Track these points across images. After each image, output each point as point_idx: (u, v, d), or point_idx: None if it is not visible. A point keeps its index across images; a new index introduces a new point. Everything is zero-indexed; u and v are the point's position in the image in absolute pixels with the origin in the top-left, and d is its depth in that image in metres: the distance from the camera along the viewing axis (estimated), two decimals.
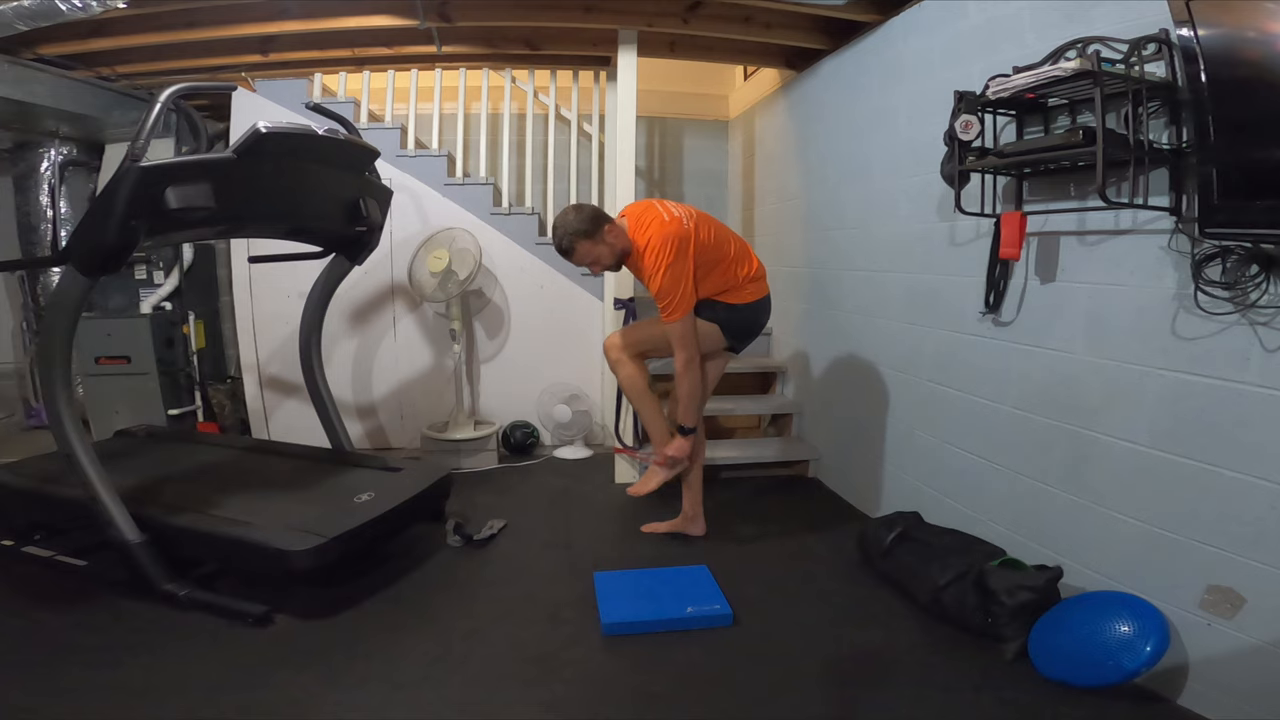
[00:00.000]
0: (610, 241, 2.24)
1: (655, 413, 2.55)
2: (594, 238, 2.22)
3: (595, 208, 2.29)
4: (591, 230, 2.21)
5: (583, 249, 2.23)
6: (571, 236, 2.22)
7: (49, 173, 3.82)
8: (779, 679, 1.83)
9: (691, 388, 2.34)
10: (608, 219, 2.26)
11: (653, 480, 2.53)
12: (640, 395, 2.53)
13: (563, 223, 2.23)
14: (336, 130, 2.43)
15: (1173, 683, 1.66)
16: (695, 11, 3.07)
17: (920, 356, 2.61)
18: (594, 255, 2.25)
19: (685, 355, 2.29)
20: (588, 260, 2.26)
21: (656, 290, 2.24)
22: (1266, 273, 1.45)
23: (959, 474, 2.42)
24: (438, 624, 2.09)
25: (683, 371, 2.32)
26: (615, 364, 2.54)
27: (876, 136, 2.85)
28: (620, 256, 2.29)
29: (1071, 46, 1.82)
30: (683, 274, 2.22)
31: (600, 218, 2.24)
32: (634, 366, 2.50)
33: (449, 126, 3.93)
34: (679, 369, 2.32)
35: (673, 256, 2.19)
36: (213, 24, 3.00)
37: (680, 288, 2.22)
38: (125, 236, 1.90)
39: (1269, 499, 1.46)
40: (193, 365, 3.97)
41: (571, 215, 2.23)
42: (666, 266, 2.19)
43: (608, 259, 2.27)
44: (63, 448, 2.13)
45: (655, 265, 2.20)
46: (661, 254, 2.19)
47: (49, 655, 1.88)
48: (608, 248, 2.25)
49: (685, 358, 2.30)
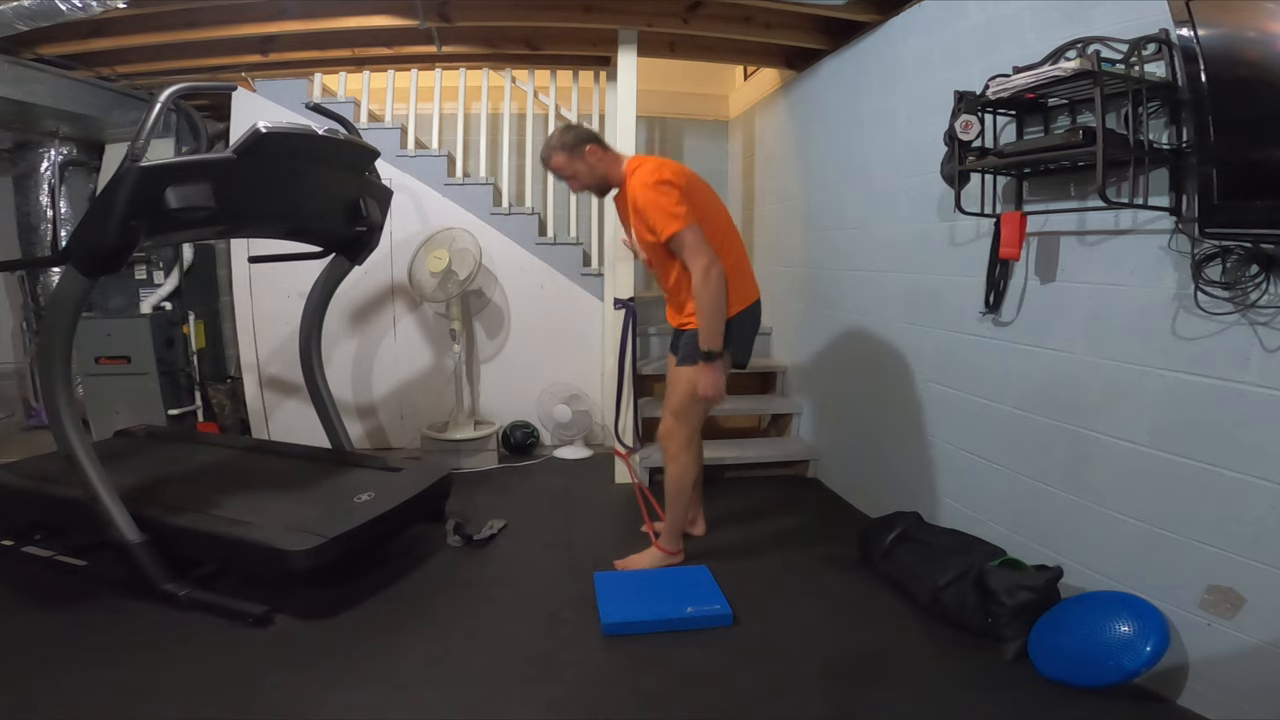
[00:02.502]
0: (590, 162, 2.22)
1: (684, 512, 2.42)
2: (572, 152, 2.21)
3: (591, 131, 2.28)
4: (571, 145, 2.21)
5: (558, 160, 2.24)
6: (550, 148, 2.25)
7: (49, 173, 3.82)
8: (779, 679, 1.83)
9: (714, 299, 2.07)
10: (596, 143, 2.23)
11: (647, 560, 2.40)
12: (681, 492, 2.36)
13: (550, 136, 2.28)
14: (336, 130, 2.43)
15: (1173, 683, 1.66)
16: (695, 11, 3.07)
17: (920, 356, 2.62)
18: (571, 170, 2.24)
19: (703, 261, 2.05)
20: (565, 174, 2.26)
21: (644, 207, 2.07)
22: (1266, 273, 1.45)
23: (959, 474, 2.42)
24: (438, 624, 2.09)
25: (701, 281, 2.05)
26: (672, 458, 2.34)
27: (876, 136, 2.85)
28: (601, 181, 2.26)
29: (1071, 46, 1.82)
30: (675, 193, 2.06)
31: (586, 138, 2.23)
32: (689, 460, 2.35)
33: (449, 126, 3.93)
34: (698, 279, 2.06)
35: (665, 175, 2.07)
36: (213, 24, 3.00)
37: (673, 202, 2.05)
38: (125, 237, 1.90)
39: (1269, 499, 1.46)
40: (193, 365, 3.97)
41: (558, 131, 2.27)
42: (656, 182, 2.06)
43: (585, 178, 2.24)
44: (63, 448, 2.13)
45: (642, 186, 2.08)
46: (650, 176, 2.08)
47: (49, 655, 1.88)
48: (586, 166, 2.22)
49: (703, 263, 2.05)
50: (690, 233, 2.06)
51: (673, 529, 2.41)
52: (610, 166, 2.24)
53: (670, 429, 2.34)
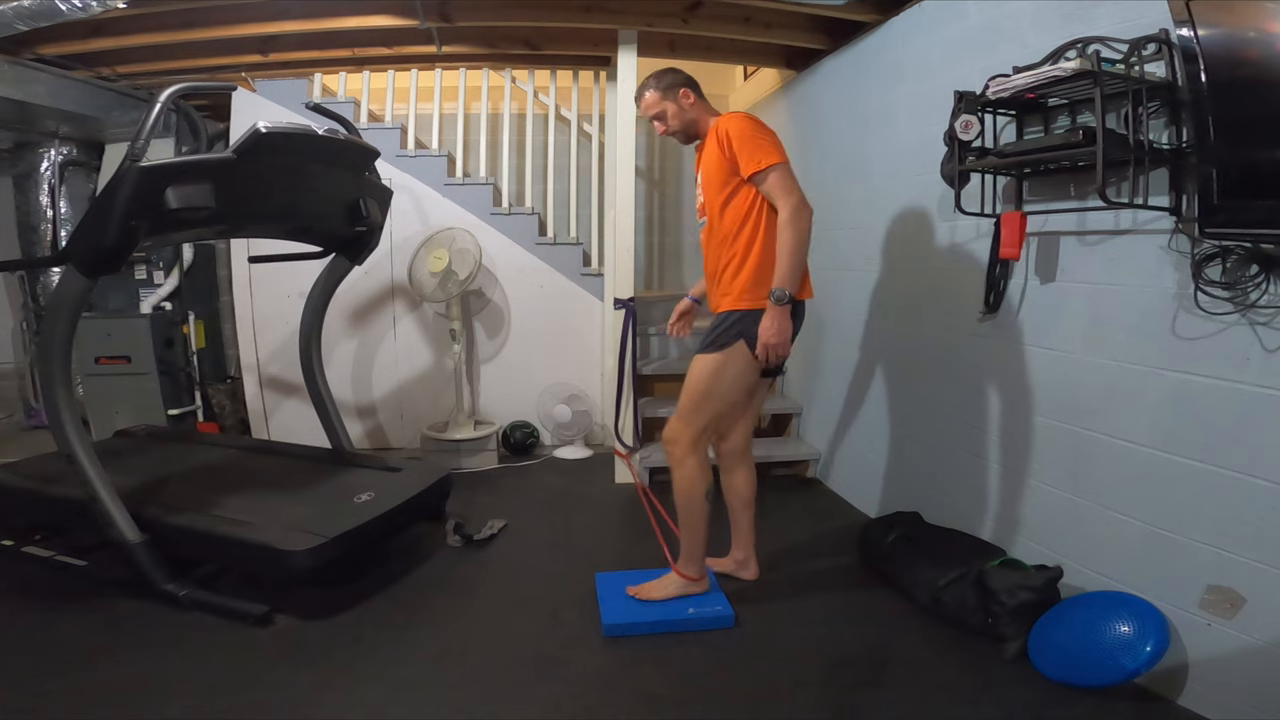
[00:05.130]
0: (682, 104, 2.12)
1: (701, 525, 2.11)
2: (666, 93, 2.13)
3: (688, 76, 2.17)
4: (667, 86, 2.13)
5: (650, 99, 2.15)
6: (644, 86, 2.17)
7: (49, 173, 3.82)
8: (779, 679, 1.83)
9: (799, 239, 1.90)
10: (692, 88, 2.15)
11: (665, 589, 2.16)
12: (691, 504, 2.09)
13: (647, 76, 2.19)
14: (336, 130, 2.43)
15: (1173, 683, 1.66)
16: (695, 11, 3.07)
17: (920, 356, 2.61)
18: (660, 108, 2.14)
19: (794, 199, 1.90)
20: (653, 111, 2.15)
21: (738, 137, 1.94)
22: (1266, 273, 1.45)
23: (959, 474, 2.42)
24: (438, 624, 2.09)
25: (792, 217, 1.90)
26: (677, 462, 2.07)
27: (876, 136, 2.85)
28: (689, 126, 2.15)
29: (1071, 46, 1.82)
30: (773, 133, 2.00)
31: (683, 81, 2.14)
32: (696, 465, 2.06)
33: (449, 126, 3.93)
34: (787, 215, 1.90)
35: (757, 124, 2.00)
36: (213, 24, 3.00)
37: (772, 137, 1.98)
38: (125, 237, 1.90)
39: (1269, 499, 1.46)
40: (193, 365, 3.97)
41: (656, 72, 2.18)
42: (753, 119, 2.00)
43: (674, 121, 2.14)
44: (63, 448, 2.13)
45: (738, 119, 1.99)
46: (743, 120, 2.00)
47: (49, 655, 1.88)
48: (676, 107, 2.13)
49: (795, 201, 1.90)
50: (785, 168, 1.94)
51: (691, 550, 2.13)
52: (701, 115, 2.14)
53: (675, 432, 2.07)
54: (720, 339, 2.00)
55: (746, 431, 2.26)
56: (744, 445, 2.28)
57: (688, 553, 2.14)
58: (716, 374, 2.01)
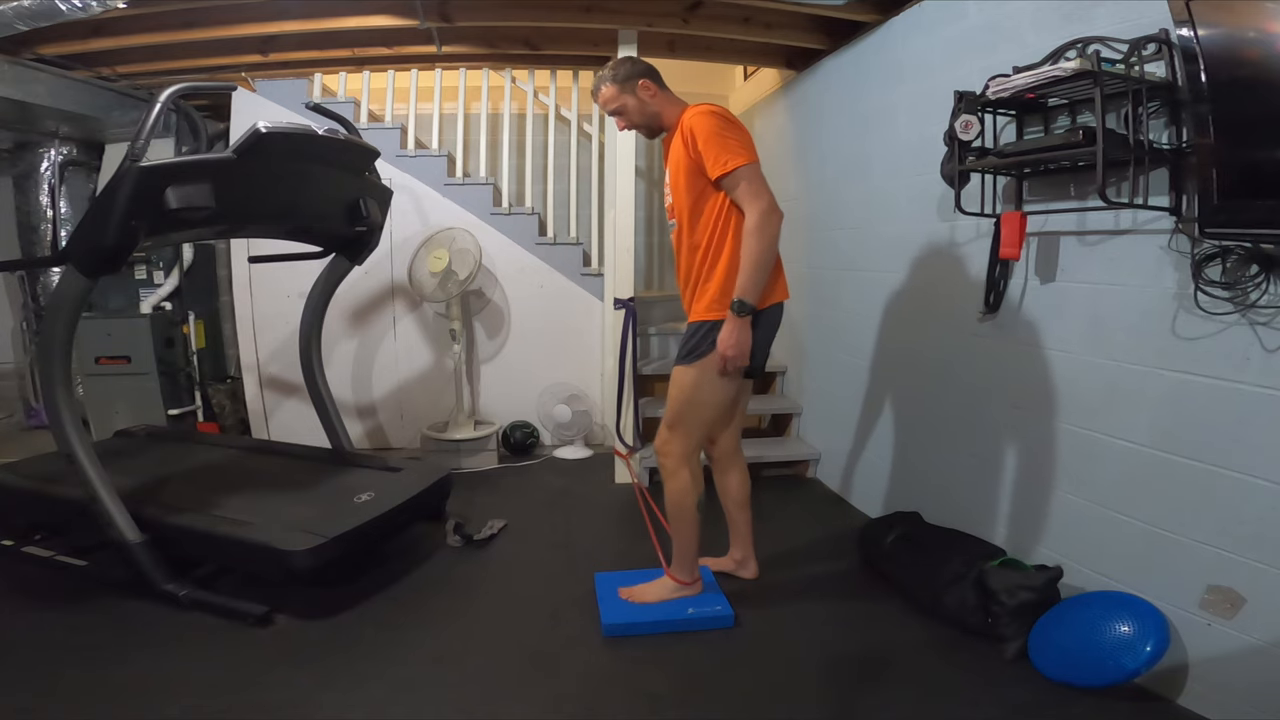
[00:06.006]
0: (642, 97, 2.02)
1: (693, 532, 2.11)
2: (623, 85, 2.02)
3: (648, 65, 2.07)
4: (624, 78, 2.02)
5: (607, 93, 2.04)
6: (600, 79, 2.05)
7: (49, 173, 3.82)
8: (779, 679, 1.83)
9: (764, 247, 1.82)
10: (651, 78, 2.04)
11: (658, 592, 2.16)
12: (682, 513, 2.08)
13: (603, 67, 2.09)
14: (336, 130, 2.43)
15: (1173, 683, 1.66)
16: (695, 11, 3.07)
17: (920, 356, 2.61)
18: (620, 103, 2.03)
19: (763, 203, 1.82)
20: (611, 106, 2.05)
21: (702, 135, 1.85)
22: (1266, 273, 1.45)
23: (959, 474, 2.42)
24: (438, 624, 2.09)
25: (758, 224, 1.81)
26: (670, 473, 2.06)
27: (876, 136, 2.85)
28: (651, 120, 2.05)
29: (1071, 46, 1.82)
30: (740, 129, 1.91)
31: (642, 72, 2.04)
32: (688, 476, 2.05)
33: (449, 126, 3.93)
34: (754, 221, 1.82)
35: (725, 120, 1.90)
36: (213, 24, 3.00)
37: (739, 134, 1.89)
38: (125, 237, 1.90)
39: (1269, 499, 1.46)
40: (193, 365, 3.98)
41: (613, 62, 2.09)
42: (718, 113, 1.90)
43: (634, 115, 2.04)
44: (63, 448, 2.13)
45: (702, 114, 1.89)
46: (711, 108, 1.92)
47: (49, 655, 1.88)
48: (636, 100, 2.02)
49: (763, 205, 1.82)
50: (754, 169, 1.85)
51: (683, 555, 2.14)
52: (664, 107, 2.03)
53: (665, 442, 2.06)
54: (696, 349, 1.97)
55: (735, 433, 2.26)
56: (734, 447, 2.28)
57: (681, 557, 2.15)
58: (697, 384, 1.98)
